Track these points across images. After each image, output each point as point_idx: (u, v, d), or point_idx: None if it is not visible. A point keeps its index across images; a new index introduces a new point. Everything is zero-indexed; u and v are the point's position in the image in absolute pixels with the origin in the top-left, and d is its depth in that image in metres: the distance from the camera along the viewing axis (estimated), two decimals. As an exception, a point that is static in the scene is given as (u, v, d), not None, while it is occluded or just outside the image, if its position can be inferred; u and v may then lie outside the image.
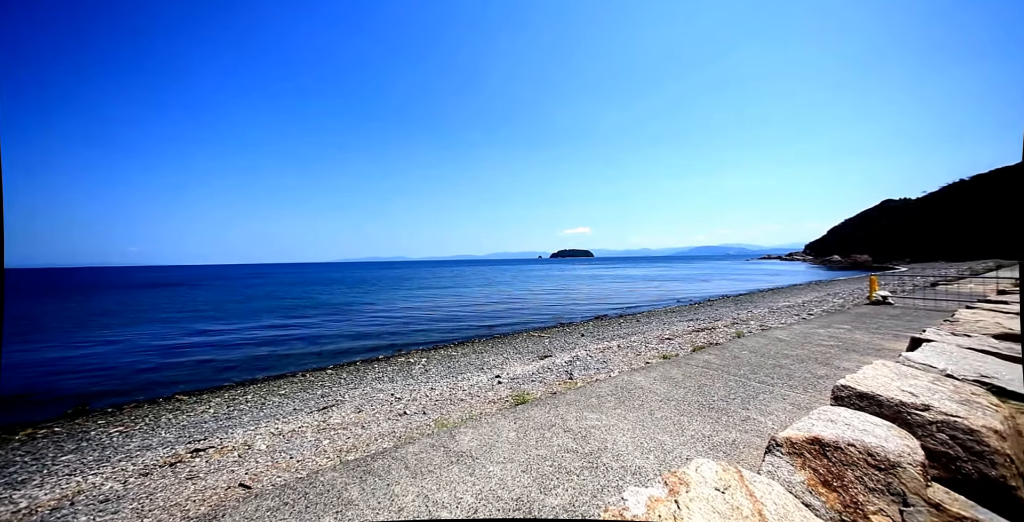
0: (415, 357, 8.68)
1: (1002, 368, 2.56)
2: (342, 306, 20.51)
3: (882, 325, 5.86)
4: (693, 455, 2.21)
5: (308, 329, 13.32)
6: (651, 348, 7.20)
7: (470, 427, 2.69)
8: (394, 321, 14.83)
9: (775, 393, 3.14)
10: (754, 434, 2.45)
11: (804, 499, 1.30)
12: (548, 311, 16.77)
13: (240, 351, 10.09)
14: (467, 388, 5.67)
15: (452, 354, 8.87)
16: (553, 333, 11.08)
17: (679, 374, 3.68)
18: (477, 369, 7.21)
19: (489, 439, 2.49)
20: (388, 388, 6.12)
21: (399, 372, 7.30)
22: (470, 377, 6.48)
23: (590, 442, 2.38)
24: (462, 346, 9.95)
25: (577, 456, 2.22)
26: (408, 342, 10.78)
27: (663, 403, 2.97)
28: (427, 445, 2.44)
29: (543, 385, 5.32)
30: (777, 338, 5.15)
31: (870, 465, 1.36)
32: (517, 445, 2.38)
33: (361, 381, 6.75)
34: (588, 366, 6.26)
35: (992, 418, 1.73)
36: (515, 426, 2.66)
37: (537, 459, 2.21)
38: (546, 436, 2.49)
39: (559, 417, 2.79)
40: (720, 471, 1.25)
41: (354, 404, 5.28)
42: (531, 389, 5.12)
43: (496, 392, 5.25)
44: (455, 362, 7.93)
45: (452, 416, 4.22)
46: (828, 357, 4.18)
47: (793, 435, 1.51)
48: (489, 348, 9.33)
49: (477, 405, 4.63)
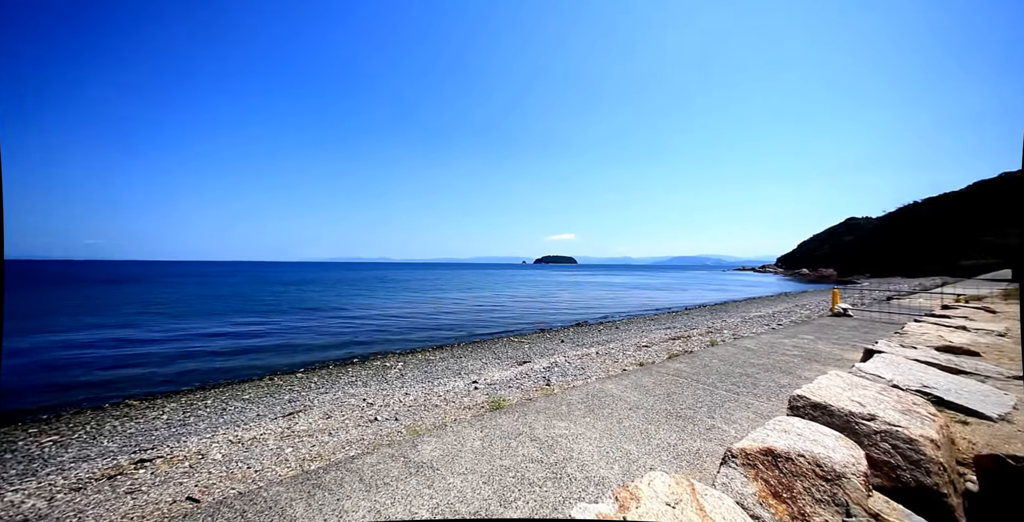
0: (392, 361, 8.48)
1: (941, 379, 2.71)
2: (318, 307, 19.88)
3: (842, 336, 6.14)
4: (657, 464, 2.22)
5: (280, 330, 12.82)
6: (628, 355, 7.28)
7: (434, 436, 2.62)
8: (372, 323, 14.47)
9: (740, 402, 3.21)
10: (717, 443, 2.49)
11: (754, 511, 1.31)
12: (530, 317, 16.77)
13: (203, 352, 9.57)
14: (443, 394, 5.56)
15: (430, 358, 8.72)
16: (534, 339, 11.06)
17: (650, 382, 3.72)
18: (455, 374, 7.10)
19: (452, 448, 2.43)
20: (361, 393, 5.94)
21: (374, 376, 7.09)
22: (447, 382, 6.37)
23: (556, 451, 2.36)
24: (441, 350, 9.80)
25: (542, 466, 2.19)
26: (385, 345, 10.53)
27: (632, 411, 2.99)
28: (386, 455, 2.35)
29: (520, 391, 5.28)
30: (747, 347, 5.30)
31: (818, 476, 1.39)
32: (481, 455, 2.33)
33: (333, 385, 6.52)
34: (566, 372, 6.27)
35: (929, 428, 1.81)
36: (481, 435, 2.61)
37: (500, 470, 2.17)
38: (512, 445, 2.44)
39: (527, 425, 2.75)
40: (672, 484, 1.25)
41: (323, 409, 5.09)
42: (508, 395, 5.07)
43: (472, 398, 5.17)
44: (433, 367, 7.79)
45: (425, 422, 4.12)
46: (791, 366, 4.33)
47: (747, 446, 1.53)
48: (468, 353, 9.21)
49: (451, 411, 4.54)
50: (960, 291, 13.29)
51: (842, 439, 1.64)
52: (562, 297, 27.25)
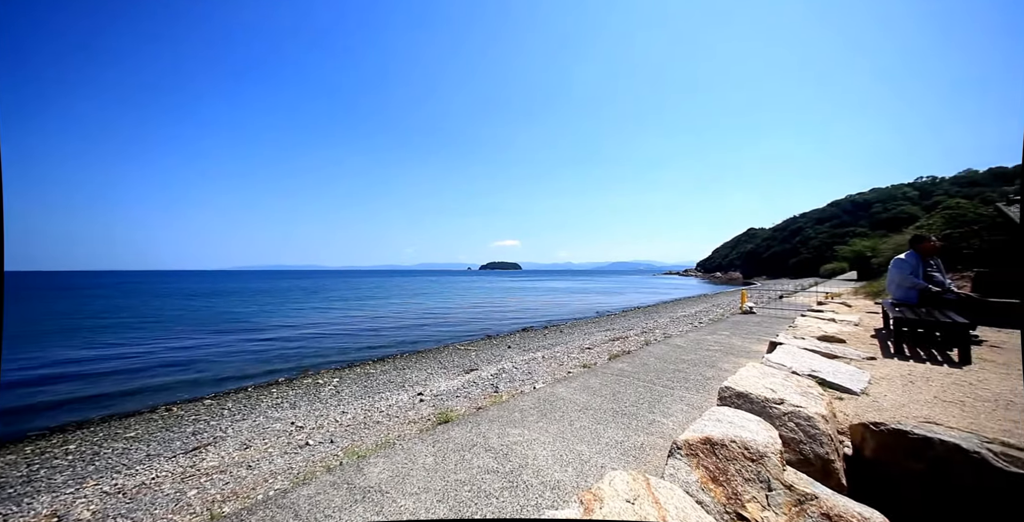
0: (325, 377, 7.71)
1: (823, 363, 3.27)
2: (233, 322, 17.39)
3: (751, 331, 7.12)
4: (607, 463, 2.32)
5: (184, 350, 10.91)
6: (573, 358, 7.56)
7: (382, 455, 2.41)
8: (301, 338, 13.05)
9: (675, 396, 3.51)
10: (658, 436, 2.68)
11: (698, 497, 1.43)
12: (476, 324, 16.61)
13: (70, 384, 7.70)
14: (385, 409, 5.20)
15: (370, 372, 8.12)
16: (480, 346, 10.95)
17: (597, 383, 3.90)
18: (398, 387, 6.70)
19: (403, 468, 2.26)
20: (288, 416, 5.28)
21: (304, 396, 6.37)
22: (389, 396, 5.97)
23: (511, 460, 2.33)
24: (382, 363, 9.20)
25: (497, 476, 2.15)
26: (318, 361, 9.55)
27: (582, 413, 3.09)
28: (326, 483, 2.10)
29: (468, 400, 5.15)
30: (677, 345, 5.85)
31: (746, 458, 1.57)
32: (434, 471, 2.21)
33: (252, 410, 5.69)
34: (514, 378, 6.29)
35: (821, 406, 2.16)
36: (433, 449, 2.48)
37: (455, 485, 2.07)
38: (466, 458, 2.36)
39: (481, 435, 2.68)
40: (630, 481, 1.30)
41: (240, 439, 4.40)
42: (455, 405, 4.91)
43: (418, 411, 4.91)
44: (373, 381, 7.26)
45: (366, 442, 3.79)
46: (714, 360, 4.88)
47: (690, 437, 1.67)
48: (412, 364, 8.78)
49: (396, 427, 4.25)
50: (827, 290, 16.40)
51: (761, 423, 1.88)
52: (508, 303, 27.52)
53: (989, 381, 2.74)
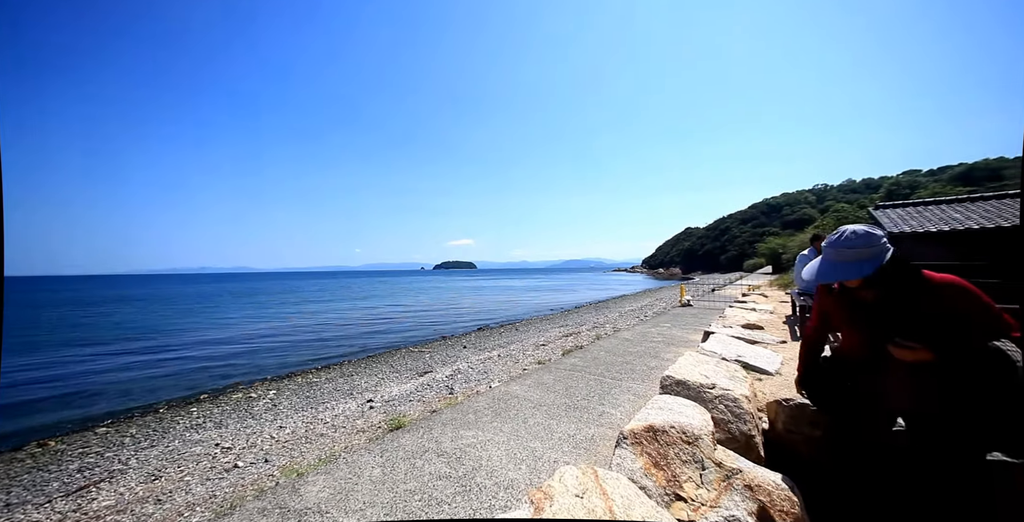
0: (260, 390, 6.98)
1: (746, 349, 3.67)
2: (142, 333, 15.03)
3: (688, 322, 7.79)
4: (560, 457, 2.37)
5: (74, 370, 9.17)
6: (528, 355, 7.67)
7: (323, 471, 2.22)
8: (230, 348, 11.67)
9: (623, 387, 3.71)
10: (608, 427, 2.80)
11: (641, 483, 1.51)
12: (430, 325, 16.17)
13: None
14: (330, 419, 4.83)
15: (313, 380, 7.51)
16: (435, 347, 10.68)
17: (550, 379, 3.98)
18: (345, 395, 6.27)
19: (347, 483, 2.10)
20: (212, 437, 4.67)
21: (233, 412, 5.69)
22: (335, 406, 5.57)
23: (464, 463, 2.28)
24: (327, 370, 8.56)
25: (450, 482, 2.08)
26: (251, 373, 8.61)
27: (536, 409, 3.13)
28: (255, 510, 1.88)
29: (422, 404, 4.98)
30: (625, 338, 6.20)
31: (683, 442, 1.69)
32: (382, 483, 2.08)
33: (165, 434, 4.95)
34: (469, 378, 6.21)
35: (744, 387, 2.41)
36: (381, 460, 2.34)
37: (405, 495, 1.97)
38: (417, 465, 2.26)
39: (433, 440, 2.59)
40: (580, 475, 1.33)
41: (146, 470, 3.80)
42: (408, 410, 4.71)
43: (367, 419, 4.63)
44: (316, 390, 6.72)
45: (307, 458, 3.48)
46: (657, 351, 5.25)
47: (635, 427, 1.75)
48: (361, 369, 8.29)
49: (342, 438, 3.96)
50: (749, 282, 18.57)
51: (697, 407, 2.04)
52: (463, 303, 27.20)
53: (869, 357, 3.27)
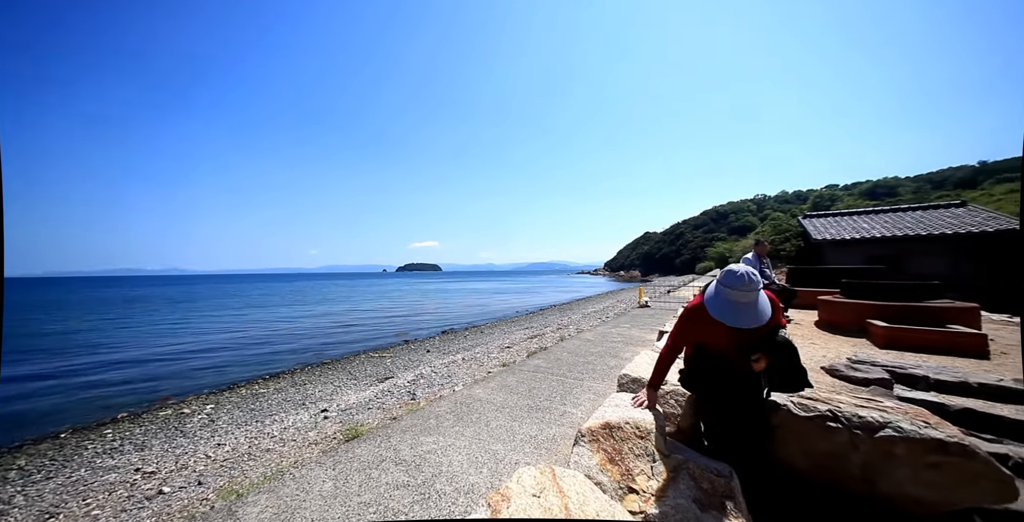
0: (194, 404, 6.30)
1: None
2: (52, 345, 13.04)
3: (646, 322, 8.20)
4: (521, 458, 2.38)
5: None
6: (493, 358, 7.64)
7: (266, 490, 2.05)
8: (159, 360, 10.40)
9: (584, 386, 3.81)
10: (569, 426, 2.86)
11: (597, 479, 1.55)
12: (393, 329, 15.60)
13: None
14: (279, 433, 4.47)
15: (259, 392, 6.93)
16: (397, 351, 10.31)
17: (514, 381, 4.00)
18: (297, 405, 5.85)
19: (293, 500, 1.96)
20: (131, 461, 4.13)
21: (160, 432, 5.08)
22: (285, 418, 5.17)
23: (424, 470, 2.21)
24: (276, 379, 7.93)
25: (408, 491, 2.01)
26: (184, 386, 7.75)
27: (499, 412, 3.12)
28: (185, 538, 1.69)
29: (382, 411, 4.77)
30: (587, 339, 6.39)
31: (637, 436, 1.76)
32: (333, 498, 1.96)
33: (67, 463, 4.29)
34: (433, 383, 6.06)
35: (695, 384, 2.57)
36: (333, 473, 2.20)
37: (359, 508, 1.87)
38: (373, 476, 2.16)
39: (392, 448, 2.49)
40: (538, 475, 1.35)
41: (38, 508, 3.26)
42: (367, 418, 4.49)
43: (321, 430, 4.35)
44: (263, 402, 6.20)
45: (249, 476, 3.19)
46: (617, 350, 5.47)
47: (592, 424, 1.80)
48: (315, 377, 7.79)
49: (292, 452, 3.68)
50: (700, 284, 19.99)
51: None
52: (428, 306, 26.58)
53: (798, 352, 3.64)
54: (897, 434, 1.58)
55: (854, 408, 1.77)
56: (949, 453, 1.45)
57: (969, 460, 1.42)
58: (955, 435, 1.49)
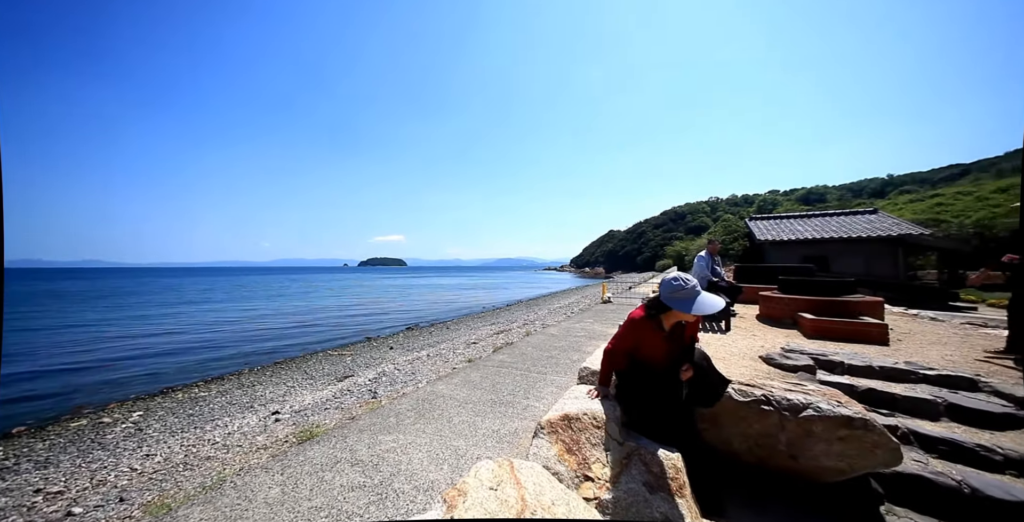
0: (117, 412, 5.65)
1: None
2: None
3: (608, 318, 8.54)
4: (483, 453, 2.39)
5: None
6: (458, 354, 7.59)
7: (202, 502, 1.89)
8: (74, 364, 9.16)
9: (547, 380, 3.90)
10: (531, 419, 2.92)
11: (555, 469, 1.60)
12: (353, 326, 14.96)
13: None
14: (221, 439, 4.14)
15: (200, 395, 6.36)
16: (358, 349, 9.92)
17: (478, 376, 4.00)
18: (244, 408, 5.45)
19: (233, 511, 1.82)
20: (29, 481, 3.61)
21: (69, 445, 4.49)
22: (230, 422, 4.79)
23: (382, 470, 2.16)
24: (220, 381, 7.33)
25: (364, 491, 1.95)
26: (106, 393, 6.90)
27: (462, 407, 3.11)
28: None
29: (340, 411, 4.57)
30: (551, 334, 6.54)
31: (593, 427, 1.84)
32: (280, 504, 1.85)
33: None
34: (395, 380, 5.90)
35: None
36: (282, 478, 2.08)
37: (309, 513, 1.78)
38: (326, 479, 2.06)
39: (347, 449, 2.40)
40: (496, 468, 1.36)
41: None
42: (323, 419, 4.28)
43: (271, 433, 4.08)
44: (204, 406, 5.70)
45: (184, 488, 2.92)
46: (580, 345, 5.65)
47: (551, 416, 1.85)
48: (266, 378, 7.29)
49: (236, 459, 3.42)
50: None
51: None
52: (392, 302, 25.77)
53: (738, 342, 3.98)
54: (816, 413, 1.78)
55: (784, 392, 1.97)
56: (854, 427, 1.66)
57: (869, 432, 1.63)
58: (860, 412, 1.70)
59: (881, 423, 1.70)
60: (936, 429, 2.07)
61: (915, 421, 2.17)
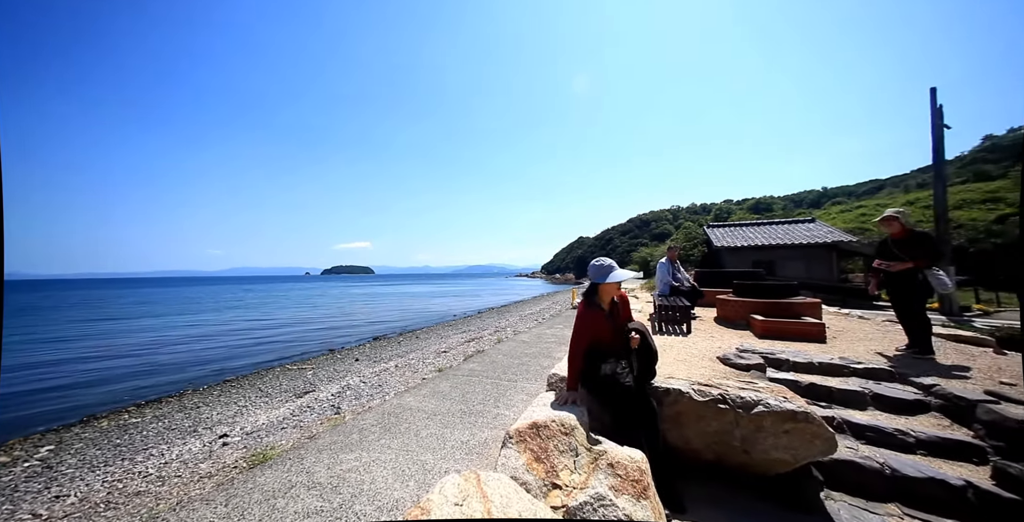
0: (20, 449, 4.88)
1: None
2: None
3: (576, 323, 8.70)
4: (451, 466, 2.32)
5: None
6: (428, 363, 7.38)
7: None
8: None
9: (518, 387, 3.88)
10: (501, 428, 2.88)
11: (523, 479, 1.58)
12: (316, 338, 14.13)
13: None
14: (155, 470, 3.71)
15: (130, 422, 5.69)
16: (320, 362, 9.36)
17: (447, 386, 3.90)
18: (185, 433, 4.94)
19: (171, 550, 1.63)
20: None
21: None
22: (168, 449, 4.31)
23: (342, 492, 2.03)
24: (156, 405, 6.61)
25: (321, 517, 1.82)
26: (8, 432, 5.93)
27: (430, 420, 3.01)
28: None
29: (299, 430, 4.26)
30: (522, 341, 6.54)
31: (562, 433, 1.85)
32: (225, 540, 1.68)
33: None
34: (361, 394, 5.62)
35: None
36: (225, 510, 1.89)
37: (259, 547, 1.63)
38: (278, 506, 1.91)
39: (304, 471, 2.23)
40: (462, 483, 1.32)
41: None
42: (279, 440, 3.97)
43: (217, 460, 3.72)
44: (134, 433, 5.10)
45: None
46: (551, 351, 5.70)
47: (520, 425, 1.84)
48: (213, 398, 6.68)
49: (174, 491, 3.07)
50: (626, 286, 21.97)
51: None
52: (358, 311, 24.69)
53: (698, 344, 4.20)
54: (766, 409, 1.91)
55: (738, 391, 2.09)
56: (797, 420, 1.80)
57: (810, 424, 1.78)
58: (802, 406, 1.85)
59: (820, 415, 1.86)
60: (864, 418, 2.29)
61: (847, 411, 2.39)
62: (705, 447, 2.08)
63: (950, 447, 1.97)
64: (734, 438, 1.98)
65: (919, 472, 1.79)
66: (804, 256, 12.32)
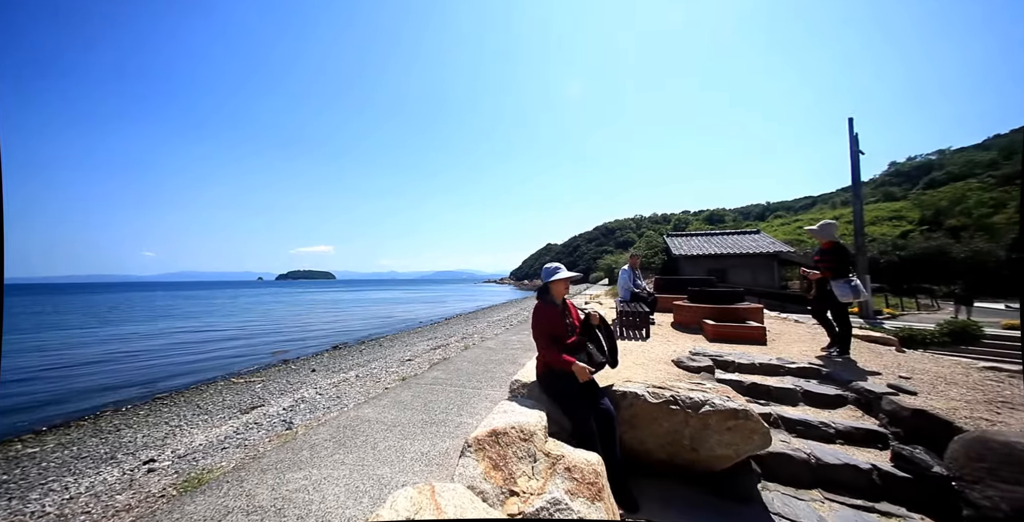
0: None
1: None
2: None
3: (543, 329, 8.80)
4: (409, 479, 2.24)
5: None
6: (392, 372, 7.09)
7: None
8: None
9: (482, 395, 3.84)
10: (463, 438, 2.83)
11: (480, 488, 1.56)
12: (266, 348, 13.11)
13: None
14: (54, 508, 3.22)
15: (24, 453, 4.91)
16: (271, 374, 8.69)
17: (409, 396, 3.77)
18: (100, 461, 4.35)
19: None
20: None
21: None
22: (75, 482, 3.77)
23: (287, 514, 1.88)
24: (61, 430, 5.78)
25: (262, 545, 1.67)
26: None
27: (389, 431, 2.89)
28: None
29: (243, 449, 3.89)
30: (488, 347, 6.50)
31: (521, 439, 1.85)
32: (144, 578, 1.49)
33: None
34: (316, 407, 5.27)
35: (577, 383, 2.84)
36: (149, 545, 1.69)
37: (185, 584, 1.47)
38: (212, 536, 1.73)
39: (243, 495, 2.05)
40: (415, 495, 1.28)
41: None
42: (218, 462, 3.60)
43: (140, 489, 3.30)
44: (29, 465, 4.41)
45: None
46: (516, 357, 5.70)
47: (479, 433, 1.82)
48: (139, 418, 5.96)
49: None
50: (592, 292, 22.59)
51: (536, 406, 2.28)
52: (316, 319, 23.30)
53: (656, 348, 4.40)
54: (712, 409, 2.04)
55: (688, 392, 2.21)
56: (738, 418, 1.94)
57: (748, 421, 1.92)
58: (742, 404, 2.00)
59: (758, 412, 2.01)
60: (795, 413, 2.52)
61: (782, 408, 2.61)
62: (658, 447, 2.17)
63: (861, 436, 2.22)
64: (684, 437, 2.09)
65: (837, 459, 2.00)
66: (751, 264, 13.42)
